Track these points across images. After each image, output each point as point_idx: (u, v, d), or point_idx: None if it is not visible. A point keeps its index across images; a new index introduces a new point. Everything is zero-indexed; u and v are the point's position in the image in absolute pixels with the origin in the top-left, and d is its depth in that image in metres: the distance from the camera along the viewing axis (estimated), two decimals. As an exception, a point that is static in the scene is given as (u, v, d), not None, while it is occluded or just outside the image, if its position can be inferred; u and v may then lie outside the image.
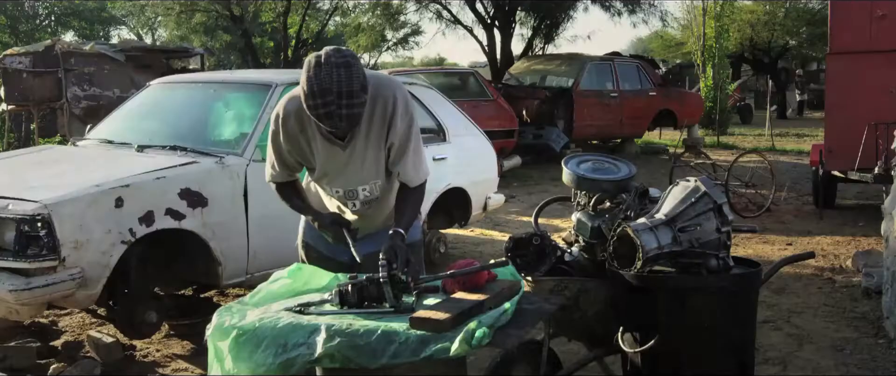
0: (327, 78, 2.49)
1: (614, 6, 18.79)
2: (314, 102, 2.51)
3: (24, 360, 4.20)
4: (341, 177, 2.89)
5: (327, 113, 2.52)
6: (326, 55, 2.54)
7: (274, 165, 2.94)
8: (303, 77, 2.54)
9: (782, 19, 27.84)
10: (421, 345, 2.27)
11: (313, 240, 3.11)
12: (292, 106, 2.77)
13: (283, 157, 2.90)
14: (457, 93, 11.39)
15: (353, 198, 2.96)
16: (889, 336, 4.64)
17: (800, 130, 20.80)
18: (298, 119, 2.77)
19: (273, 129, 2.86)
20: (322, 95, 2.49)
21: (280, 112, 2.82)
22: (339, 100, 2.50)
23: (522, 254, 3.21)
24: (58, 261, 3.83)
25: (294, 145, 2.84)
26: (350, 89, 2.51)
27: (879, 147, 7.43)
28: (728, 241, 3.06)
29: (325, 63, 2.51)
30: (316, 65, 2.51)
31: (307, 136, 2.81)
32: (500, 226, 8.39)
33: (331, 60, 2.52)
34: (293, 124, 2.79)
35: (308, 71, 2.52)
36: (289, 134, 2.82)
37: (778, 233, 7.84)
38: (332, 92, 2.49)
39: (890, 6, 7.84)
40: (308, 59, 2.57)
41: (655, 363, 3.05)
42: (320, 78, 2.49)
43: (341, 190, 2.93)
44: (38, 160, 5.00)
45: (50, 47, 10.86)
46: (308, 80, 2.51)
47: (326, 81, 2.48)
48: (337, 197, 2.97)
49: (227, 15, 19.45)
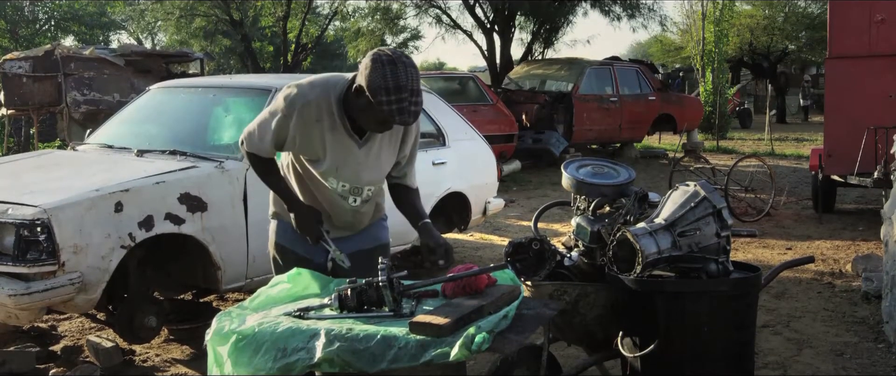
0: (403, 75, 2.61)
1: (614, 11, 18.81)
2: (389, 98, 2.60)
3: (24, 365, 4.19)
4: (353, 173, 2.92)
5: (400, 108, 2.62)
6: (397, 54, 2.66)
7: (263, 139, 2.88)
8: (372, 74, 2.61)
9: (781, 24, 27.89)
10: (420, 350, 2.26)
11: (289, 242, 3.07)
12: (315, 94, 2.79)
13: (279, 137, 2.86)
14: (456, 97, 11.41)
15: (357, 195, 2.98)
16: (889, 340, 4.64)
17: (799, 135, 20.83)
18: (318, 108, 2.79)
19: (284, 112, 2.81)
20: (398, 91, 2.60)
21: (300, 97, 2.80)
22: (411, 97, 2.63)
23: (522, 259, 3.21)
24: (57, 265, 3.83)
25: (304, 133, 2.83)
26: (419, 88, 2.67)
27: (879, 151, 7.44)
28: (727, 246, 3.06)
29: (399, 62, 2.63)
30: (390, 62, 2.61)
31: (323, 127, 2.81)
32: (500, 230, 8.39)
33: (403, 60, 2.64)
34: (312, 112, 2.79)
35: (382, 67, 2.60)
36: (304, 120, 2.80)
37: (777, 237, 7.84)
38: (407, 89, 2.61)
39: (889, 10, 7.85)
40: (375, 57, 2.64)
41: (655, 367, 3.04)
42: (397, 75, 2.60)
43: (349, 184, 2.94)
44: (38, 165, 5.00)
45: (50, 52, 10.85)
46: (383, 76, 2.59)
47: (403, 78, 2.60)
48: (341, 191, 2.96)
49: (227, 19, 19.47)
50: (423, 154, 5.97)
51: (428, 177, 5.96)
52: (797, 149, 16.63)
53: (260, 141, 2.90)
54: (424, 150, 6.03)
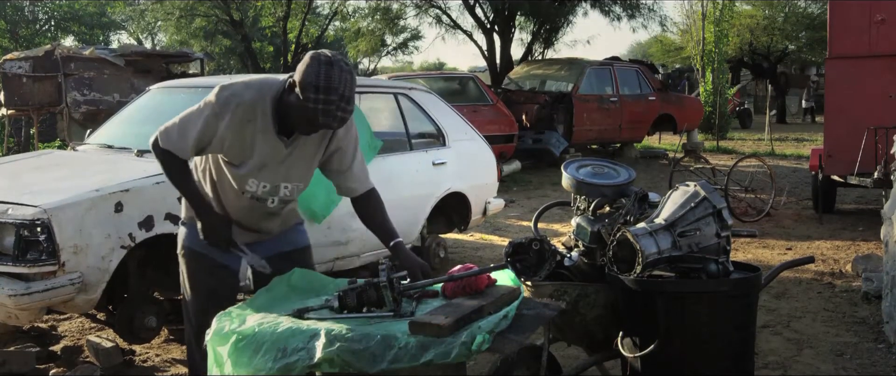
0: (337, 78, 2.56)
1: (614, 11, 18.82)
2: (317, 97, 2.55)
3: (24, 365, 4.19)
4: (274, 174, 2.88)
5: (326, 110, 2.57)
6: (335, 57, 2.61)
7: (185, 137, 2.78)
8: (307, 70, 2.57)
9: (782, 24, 27.90)
10: (420, 350, 2.26)
11: (203, 248, 2.95)
12: (250, 95, 2.75)
13: (204, 137, 2.78)
14: (456, 97, 11.41)
15: (274, 195, 2.93)
16: (889, 340, 4.64)
17: (799, 135, 20.83)
18: (252, 109, 2.74)
19: (215, 111, 2.74)
20: (327, 92, 2.55)
21: (235, 97, 2.74)
22: (340, 101, 2.57)
23: (522, 259, 3.20)
24: (57, 265, 3.83)
25: (235, 133, 2.76)
26: (350, 95, 2.61)
27: (879, 151, 7.44)
28: (727, 246, 3.06)
29: (336, 64, 2.58)
30: (326, 63, 2.57)
31: (255, 128, 2.76)
32: (500, 230, 8.39)
33: (339, 63, 2.59)
34: (245, 113, 2.74)
35: (316, 66, 2.56)
36: (235, 121, 2.74)
37: (777, 237, 7.84)
38: (337, 92, 2.56)
39: (889, 10, 7.85)
40: (314, 55, 2.61)
41: (655, 367, 3.04)
42: (330, 76, 2.55)
43: (269, 185, 2.89)
44: (38, 165, 5.00)
45: (50, 52, 10.85)
46: (316, 75, 2.55)
47: (336, 81, 2.55)
48: (261, 192, 2.90)
49: (227, 19, 19.48)
50: (423, 154, 6.01)
51: (428, 177, 5.97)
52: (797, 150, 16.63)
53: (180, 139, 2.79)
54: (425, 150, 6.04)
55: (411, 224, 5.78)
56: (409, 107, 6.07)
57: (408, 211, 5.67)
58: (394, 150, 5.76)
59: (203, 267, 2.98)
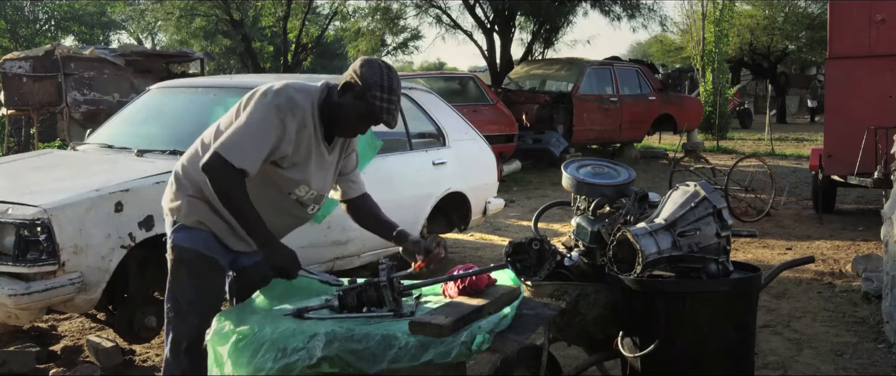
0: (397, 81, 2.79)
1: (614, 11, 18.81)
2: (383, 95, 2.74)
3: (24, 365, 4.20)
4: (322, 180, 2.94)
5: (389, 108, 2.77)
6: (388, 64, 2.82)
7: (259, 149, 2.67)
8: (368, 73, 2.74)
9: (782, 24, 27.91)
10: (420, 350, 2.27)
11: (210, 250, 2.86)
12: (302, 99, 2.78)
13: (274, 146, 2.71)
14: (456, 97, 11.41)
15: (317, 202, 2.99)
16: (889, 340, 4.64)
17: (799, 135, 20.83)
18: (305, 113, 2.78)
19: (280, 116, 2.70)
20: (392, 92, 2.76)
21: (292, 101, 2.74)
22: (398, 100, 2.81)
23: (522, 259, 3.20)
24: (57, 265, 3.83)
25: (298, 137, 2.76)
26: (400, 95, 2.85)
27: (879, 151, 7.44)
28: (727, 246, 3.06)
29: (390, 67, 2.80)
30: (386, 67, 2.79)
31: (307, 133, 2.80)
32: (500, 230, 8.39)
33: (391, 67, 2.82)
34: (302, 118, 2.77)
35: (379, 68, 2.76)
36: (296, 125, 2.75)
37: (777, 237, 7.84)
38: (397, 93, 2.78)
39: (889, 10, 7.85)
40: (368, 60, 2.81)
41: (655, 367, 3.04)
42: (392, 78, 2.77)
43: (316, 191, 2.94)
44: (38, 165, 5.00)
45: (50, 52, 10.84)
46: (381, 75, 2.74)
47: (396, 83, 2.78)
48: (307, 197, 2.91)
49: (227, 19, 19.47)
50: (423, 154, 6.00)
51: (428, 177, 5.97)
52: (797, 150, 16.63)
53: (255, 151, 2.67)
54: (425, 150, 6.04)
55: (411, 224, 5.77)
56: (410, 106, 6.07)
57: (408, 211, 5.66)
58: (394, 150, 5.76)
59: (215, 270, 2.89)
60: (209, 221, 2.86)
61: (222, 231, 2.87)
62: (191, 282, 2.87)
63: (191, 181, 2.87)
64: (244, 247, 2.93)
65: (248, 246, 2.91)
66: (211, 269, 2.88)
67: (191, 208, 2.86)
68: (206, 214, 2.85)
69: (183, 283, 2.88)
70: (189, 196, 2.86)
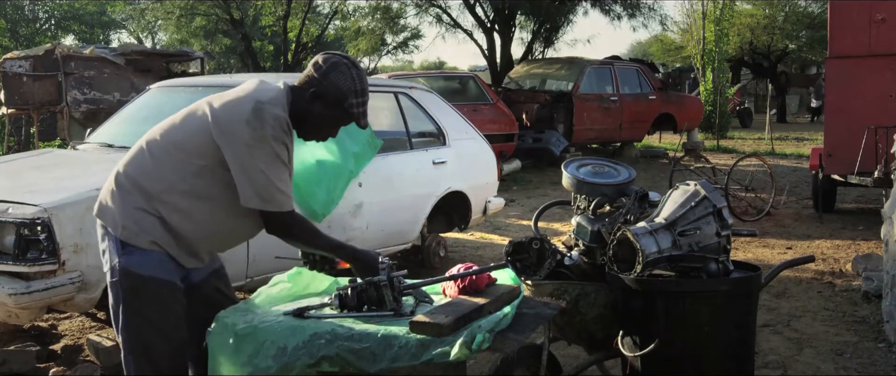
0: (364, 78, 2.62)
1: (614, 10, 18.80)
2: (358, 100, 2.59)
3: (24, 364, 4.19)
4: None
5: (365, 111, 2.63)
6: (349, 57, 2.63)
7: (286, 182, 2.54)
8: (341, 79, 2.56)
9: (782, 23, 27.88)
10: (421, 349, 2.27)
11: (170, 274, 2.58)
12: (281, 112, 2.54)
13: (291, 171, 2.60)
14: (456, 96, 11.41)
15: None
16: (889, 339, 4.64)
17: (800, 134, 20.82)
18: (289, 125, 2.58)
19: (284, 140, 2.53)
20: (365, 94, 2.61)
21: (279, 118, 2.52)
22: (368, 99, 2.64)
23: (522, 258, 3.20)
24: (58, 264, 3.84)
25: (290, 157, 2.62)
26: None
27: (879, 151, 7.44)
28: (728, 245, 3.06)
29: (357, 64, 2.62)
30: (353, 66, 2.60)
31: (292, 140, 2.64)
32: (500, 229, 8.39)
33: (357, 62, 2.63)
34: (289, 129, 2.59)
35: (348, 70, 2.58)
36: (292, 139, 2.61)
37: (778, 236, 7.84)
38: (368, 90, 2.63)
39: (890, 10, 7.85)
40: (335, 59, 2.60)
41: (655, 367, 3.04)
42: (362, 77, 2.60)
43: None
44: (38, 164, 5.00)
45: (50, 51, 10.84)
46: (352, 79, 2.57)
47: (365, 81, 2.62)
48: None
49: (227, 19, 19.47)
50: (423, 153, 6.01)
51: (428, 177, 5.97)
52: (797, 149, 16.63)
53: (287, 187, 2.56)
54: (425, 150, 6.05)
55: (411, 223, 5.77)
56: (410, 106, 6.07)
57: (408, 210, 5.66)
58: (394, 149, 5.76)
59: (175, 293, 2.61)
60: (162, 241, 2.55)
61: (174, 249, 2.58)
62: (154, 310, 2.56)
63: (139, 190, 2.58)
64: (195, 263, 2.67)
65: (198, 261, 2.68)
66: (171, 294, 2.58)
67: (141, 227, 2.55)
68: (160, 233, 2.55)
69: (143, 314, 2.56)
70: (137, 209, 2.56)
